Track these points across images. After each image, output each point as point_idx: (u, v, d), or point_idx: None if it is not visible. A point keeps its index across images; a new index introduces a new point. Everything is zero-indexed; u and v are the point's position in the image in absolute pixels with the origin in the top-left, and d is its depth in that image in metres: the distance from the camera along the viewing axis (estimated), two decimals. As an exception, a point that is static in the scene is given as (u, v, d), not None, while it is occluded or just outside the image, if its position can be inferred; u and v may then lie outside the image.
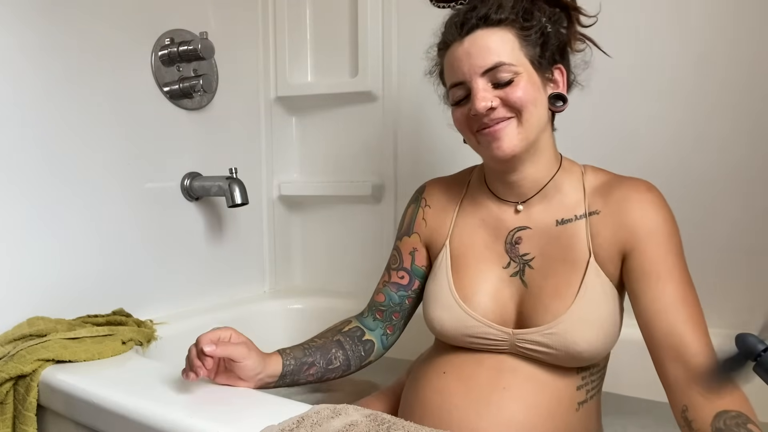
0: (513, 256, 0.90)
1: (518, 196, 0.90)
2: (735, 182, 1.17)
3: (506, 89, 0.81)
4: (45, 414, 0.94)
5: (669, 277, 0.81)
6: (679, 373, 0.78)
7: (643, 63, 1.22)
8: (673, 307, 0.79)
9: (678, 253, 0.83)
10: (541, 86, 0.84)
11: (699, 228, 1.20)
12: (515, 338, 0.86)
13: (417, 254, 1.00)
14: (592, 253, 0.85)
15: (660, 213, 0.84)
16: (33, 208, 1.14)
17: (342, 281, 1.65)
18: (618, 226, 0.84)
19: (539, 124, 0.84)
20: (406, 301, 1.01)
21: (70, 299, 1.19)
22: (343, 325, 1.01)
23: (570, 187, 0.89)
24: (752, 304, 1.14)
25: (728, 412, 0.72)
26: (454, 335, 0.90)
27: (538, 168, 0.88)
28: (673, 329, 0.79)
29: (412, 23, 1.49)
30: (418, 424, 0.68)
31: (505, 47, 0.82)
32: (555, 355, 0.84)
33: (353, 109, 1.60)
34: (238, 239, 1.57)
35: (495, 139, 0.83)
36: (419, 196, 1.03)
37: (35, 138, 1.14)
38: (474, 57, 0.82)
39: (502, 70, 0.81)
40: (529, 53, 0.83)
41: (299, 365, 0.91)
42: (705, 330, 0.80)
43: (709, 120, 1.18)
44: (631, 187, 0.86)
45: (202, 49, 1.33)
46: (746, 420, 0.71)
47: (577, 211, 0.87)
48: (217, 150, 1.49)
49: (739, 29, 1.15)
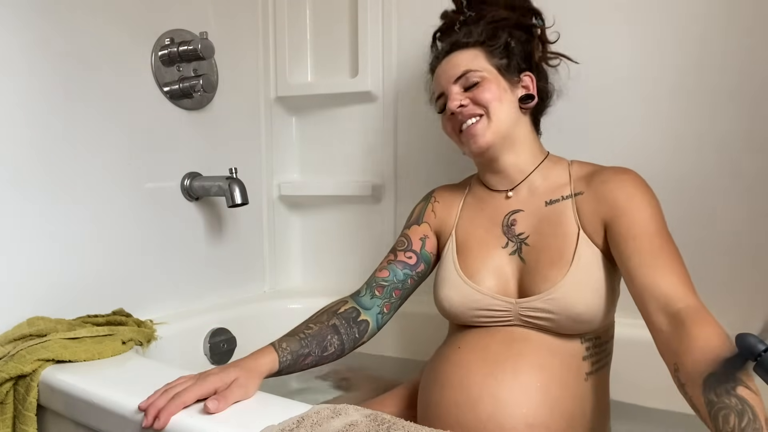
0: (510, 236, 1.00)
1: (507, 184, 1.02)
2: (735, 183, 1.17)
3: (474, 90, 0.98)
4: (45, 414, 0.94)
5: (644, 234, 0.87)
6: (664, 323, 0.80)
7: (642, 63, 1.22)
8: (650, 259, 0.84)
9: (654, 216, 0.89)
10: (509, 88, 0.99)
11: (699, 228, 1.20)
12: (518, 307, 0.94)
13: (428, 241, 1.08)
14: (581, 227, 0.93)
15: (637, 188, 0.91)
16: (33, 208, 1.14)
17: (342, 281, 1.64)
18: (599, 201, 0.93)
19: (508, 118, 0.98)
20: (409, 281, 1.06)
21: (70, 299, 1.19)
22: (339, 305, 1.02)
23: (556, 175, 1.00)
24: (752, 304, 1.14)
25: (714, 374, 0.69)
26: (462, 311, 0.98)
27: (520, 157, 1.01)
28: (652, 280, 0.83)
29: (412, 23, 1.49)
30: (418, 425, 0.68)
31: (472, 60, 1.00)
32: (556, 320, 0.91)
33: (353, 109, 1.60)
34: (238, 239, 1.57)
35: (471, 136, 0.98)
36: (430, 195, 1.14)
37: (35, 138, 1.14)
38: (448, 71, 1.01)
39: (470, 75, 0.98)
40: (494, 63, 0.99)
41: (296, 358, 0.91)
42: (686, 278, 0.83)
43: (709, 121, 1.18)
44: (611, 171, 0.96)
45: (202, 49, 1.33)
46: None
47: (564, 193, 0.98)
48: (217, 150, 1.49)
49: (739, 28, 1.15)
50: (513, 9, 1.05)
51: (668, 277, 0.82)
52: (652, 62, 1.22)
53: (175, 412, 0.73)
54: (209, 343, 1.37)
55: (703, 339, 0.74)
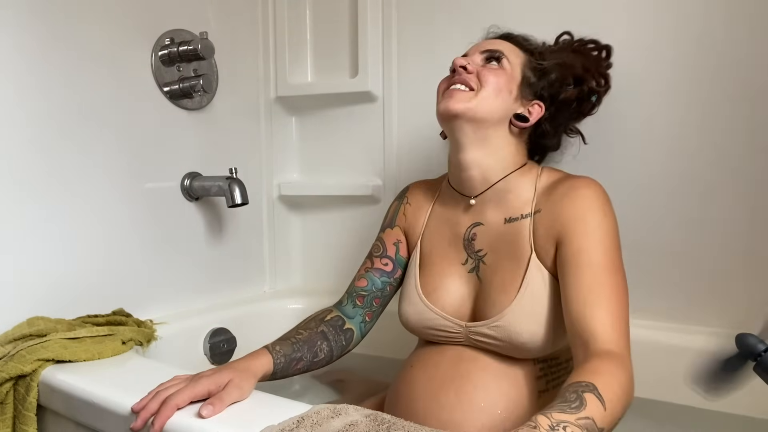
0: (470, 252, 0.99)
1: (471, 191, 0.98)
2: (734, 182, 1.17)
3: (486, 67, 0.95)
4: (45, 414, 0.94)
5: (587, 265, 0.84)
6: (581, 358, 0.79)
7: (642, 64, 1.22)
8: (587, 294, 0.82)
9: (604, 242, 0.86)
10: (515, 97, 0.95)
11: (698, 228, 1.20)
12: (468, 330, 0.94)
13: (401, 245, 1.08)
14: (533, 250, 0.91)
15: (590, 206, 0.88)
16: (33, 208, 1.14)
17: (342, 281, 1.63)
18: (552, 220, 0.90)
19: (491, 111, 0.93)
20: (387, 288, 1.07)
21: (70, 299, 1.19)
22: (324, 314, 1.03)
23: (522, 188, 0.96)
24: (752, 304, 1.14)
25: (579, 381, 0.70)
26: (416, 327, 1.00)
27: (486, 161, 0.95)
28: (583, 316, 0.81)
29: (412, 23, 1.49)
30: (417, 425, 0.67)
31: (511, 51, 0.97)
32: (502, 347, 0.91)
33: (353, 109, 1.59)
34: (238, 239, 1.57)
35: (449, 97, 0.93)
36: (403, 194, 1.14)
37: (35, 138, 1.14)
38: (485, 44, 0.99)
39: (498, 54, 0.96)
40: (525, 72, 0.97)
41: (288, 361, 0.91)
42: (619, 320, 0.81)
43: (708, 120, 1.18)
44: (571, 184, 0.92)
45: (202, 49, 1.33)
46: (590, 390, 0.68)
47: (524, 211, 0.94)
48: (217, 150, 1.49)
49: (735, 31, 1.15)
50: (587, 70, 1.05)
51: (600, 317, 0.80)
52: (652, 62, 1.22)
53: (169, 416, 0.73)
54: (209, 343, 1.37)
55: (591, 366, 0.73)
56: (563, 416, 0.64)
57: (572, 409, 0.65)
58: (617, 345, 0.78)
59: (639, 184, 1.23)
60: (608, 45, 1.13)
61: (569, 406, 0.66)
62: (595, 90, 1.08)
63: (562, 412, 0.64)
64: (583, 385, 0.69)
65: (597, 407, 0.67)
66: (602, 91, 1.10)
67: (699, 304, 1.20)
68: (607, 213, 0.89)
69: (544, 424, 0.62)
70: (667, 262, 1.22)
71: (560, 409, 0.65)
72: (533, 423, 0.62)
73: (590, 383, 0.69)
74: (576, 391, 0.68)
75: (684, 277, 1.21)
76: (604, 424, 0.67)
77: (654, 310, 1.22)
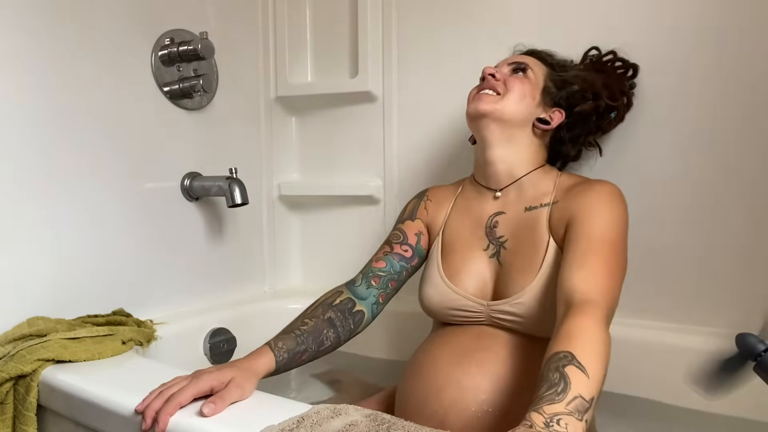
0: (491, 239, 1.04)
1: (496, 184, 1.05)
2: (735, 182, 1.17)
3: (512, 76, 1.04)
4: (45, 414, 0.94)
5: (586, 237, 0.89)
6: (561, 312, 0.82)
7: (646, 69, 1.22)
8: (579, 259, 0.87)
9: (608, 224, 0.91)
10: (538, 102, 1.04)
11: (699, 228, 1.20)
12: (489, 309, 0.98)
13: (422, 237, 1.11)
14: (551, 235, 0.97)
15: (604, 198, 0.94)
16: (33, 208, 1.14)
17: (342, 281, 1.64)
18: (567, 208, 0.96)
19: (515, 114, 1.01)
20: (404, 273, 1.09)
21: (70, 299, 1.19)
22: (334, 296, 1.02)
23: (543, 183, 1.03)
24: (752, 304, 1.14)
25: (557, 354, 0.72)
26: (438, 308, 1.03)
27: (512, 157, 1.03)
28: (569, 275, 0.85)
29: (412, 23, 1.49)
30: (418, 425, 0.68)
31: (534, 64, 1.07)
32: (523, 323, 0.95)
33: (353, 109, 1.60)
34: (238, 239, 1.57)
35: (479, 99, 1.03)
36: (423, 193, 1.17)
37: (35, 138, 1.14)
38: (511, 58, 1.09)
39: (524, 66, 1.05)
40: (548, 82, 1.06)
41: (292, 356, 0.91)
42: (605, 282, 0.83)
43: (708, 120, 1.18)
44: (590, 183, 0.99)
45: (202, 49, 1.33)
46: (569, 361, 0.70)
47: (544, 201, 1.01)
48: (217, 150, 1.49)
49: (743, 31, 1.15)
50: (607, 87, 1.12)
51: (585, 276, 0.84)
52: (652, 63, 1.22)
53: (173, 413, 0.73)
54: (209, 343, 1.37)
55: (564, 329, 0.76)
56: (554, 407, 0.65)
57: (559, 395, 0.66)
58: (594, 294, 0.81)
59: (639, 184, 1.23)
60: (634, 64, 1.20)
61: (555, 391, 0.67)
62: (614, 107, 1.14)
63: (552, 402, 0.66)
64: (562, 356, 0.71)
65: (581, 379, 0.68)
66: (622, 108, 1.17)
67: (699, 304, 1.20)
68: (618, 205, 0.95)
69: (539, 422, 0.63)
70: (667, 262, 1.22)
71: (549, 400, 0.66)
72: (528, 422, 0.64)
73: (568, 353, 0.71)
74: (558, 369, 0.70)
75: (684, 277, 1.21)
76: (592, 392, 0.68)
77: (654, 310, 1.22)
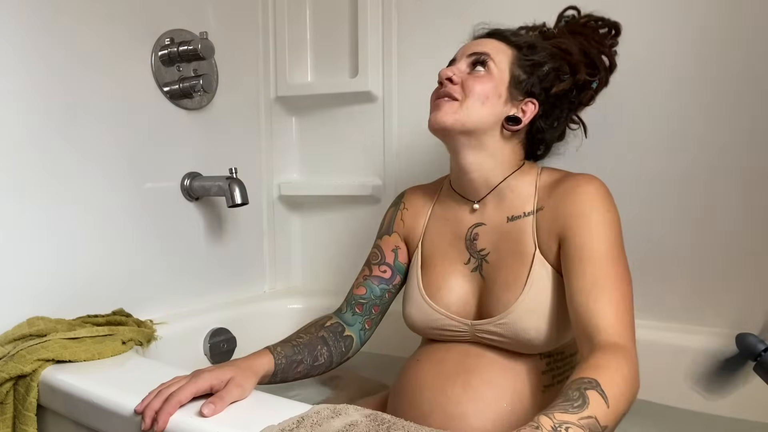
0: (472, 252, 0.99)
1: (474, 194, 0.99)
2: (735, 182, 1.17)
3: (472, 75, 0.94)
4: (45, 414, 0.94)
5: (590, 259, 0.85)
6: (586, 352, 0.79)
7: (642, 65, 1.22)
8: (591, 287, 0.83)
9: (607, 237, 0.86)
10: (504, 100, 0.94)
11: (699, 227, 1.20)
12: (474, 329, 0.94)
13: (400, 251, 1.07)
14: (537, 247, 0.92)
15: (593, 202, 0.89)
16: (33, 208, 1.14)
17: (342, 281, 1.64)
18: (555, 217, 0.90)
19: (480, 120, 0.92)
20: (386, 295, 1.06)
21: (70, 299, 1.19)
22: (324, 320, 1.03)
23: (523, 187, 0.96)
24: (752, 304, 1.14)
25: (582, 378, 0.70)
26: (422, 328, 1.00)
27: (486, 164, 0.96)
28: (585, 310, 0.81)
29: (412, 23, 1.49)
30: (418, 425, 0.68)
31: (497, 52, 0.95)
32: (508, 343, 0.91)
33: (353, 109, 1.59)
34: (238, 239, 1.57)
35: (437, 109, 0.94)
36: (399, 200, 1.12)
37: (35, 138, 1.14)
38: (471, 46, 0.97)
39: (483, 58, 0.94)
40: (513, 70, 0.94)
41: (289, 363, 0.92)
42: (623, 311, 0.81)
43: (709, 120, 1.18)
44: (573, 181, 0.92)
45: (202, 49, 1.33)
46: (593, 386, 0.69)
47: (526, 209, 0.95)
48: (217, 150, 1.49)
49: (738, 27, 1.15)
50: (586, 55, 1.02)
51: (604, 310, 0.80)
52: (653, 63, 1.22)
53: (173, 412, 0.73)
54: (209, 343, 1.37)
55: (592, 361, 0.73)
56: (566, 416, 0.64)
57: (575, 409, 0.65)
58: (621, 337, 0.78)
59: (639, 184, 1.23)
60: (616, 22, 1.09)
61: (572, 405, 0.65)
62: (594, 77, 1.04)
63: (565, 411, 0.64)
64: (586, 381, 0.69)
65: (600, 405, 0.67)
66: (603, 75, 1.06)
67: (699, 304, 1.20)
68: (609, 208, 0.89)
69: (547, 425, 0.62)
70: (667, 262, 1.22)
71: (563, 409, 0.65)
72: (535, 423, 0.62)
73: (593, 379, 0.69)
74: (579, 389, 0.68)
75: (684, 277, 1.21)
76: (608, 422, 0.67)
77: (654, 310, 1.22)
